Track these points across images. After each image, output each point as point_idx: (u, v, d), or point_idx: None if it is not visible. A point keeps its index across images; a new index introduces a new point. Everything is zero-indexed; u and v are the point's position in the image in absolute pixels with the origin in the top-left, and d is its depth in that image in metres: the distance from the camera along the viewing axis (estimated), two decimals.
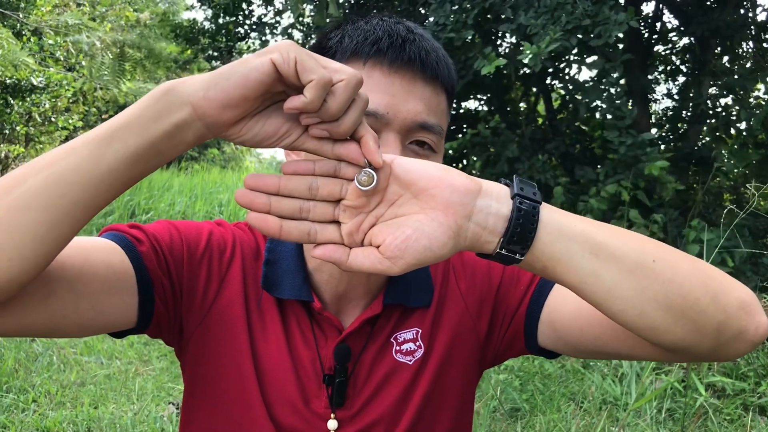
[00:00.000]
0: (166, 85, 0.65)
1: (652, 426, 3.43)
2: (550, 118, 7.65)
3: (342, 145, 0.67)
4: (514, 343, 1.00)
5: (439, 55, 0.88)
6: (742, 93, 7.29)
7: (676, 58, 8.09)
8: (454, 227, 0.67)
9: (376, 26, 0.87)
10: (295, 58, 0.62)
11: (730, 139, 7.43)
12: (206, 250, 0.93)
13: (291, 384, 0.92)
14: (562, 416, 3.57)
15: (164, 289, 0.87)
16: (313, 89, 0.62)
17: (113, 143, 0.63)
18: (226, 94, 0.62)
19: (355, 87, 0.64)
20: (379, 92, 0.82)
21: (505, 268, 1.00)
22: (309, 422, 0.91)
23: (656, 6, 7.53)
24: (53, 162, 0.64)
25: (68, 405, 3.49)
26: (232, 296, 0.93)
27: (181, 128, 0.64)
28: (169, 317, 0.90)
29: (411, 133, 0.85)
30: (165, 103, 0.64)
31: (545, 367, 4.33)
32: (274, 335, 0.93)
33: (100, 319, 0.79)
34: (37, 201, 0.62)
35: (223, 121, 0.64)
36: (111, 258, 0.81)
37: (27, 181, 0.63)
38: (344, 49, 0.86)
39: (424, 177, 0.68)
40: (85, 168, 0.63)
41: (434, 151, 0.88)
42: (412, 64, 0.84)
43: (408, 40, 0.85)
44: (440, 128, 0.87)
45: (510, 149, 6.39)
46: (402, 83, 0.83)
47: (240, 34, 9.21)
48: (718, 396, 3.71)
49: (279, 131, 0.67)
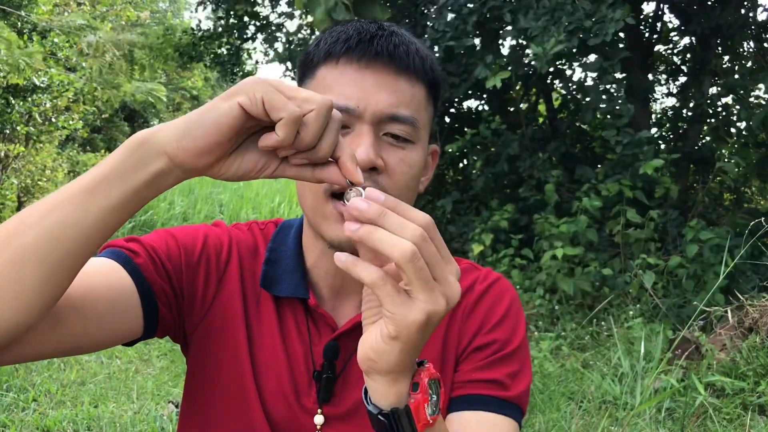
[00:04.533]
0: (140, 135, 0.67)
1: (651, 425, 3.44)
2: (550, 117, 7.65)
3: (322, 170, 0.68)
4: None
5: (411, 49, 0.89)
6: (742, 93, 7.29)
7: (677, 58, 8.08)
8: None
9: (349, 27, 0.90)
10: (262, 97, 0.62)
11: (730, 139, 7.43)
12: (203, 252, 0.96)
13: (285, 379, 0.94)
14: (562, 416, 3.57)
15: (166, 294, 0.91)
16: (284, 127, 0.63)
17: (96, 195, 0.66)
18: (199, 142, 0.64)
19: (326, 115, 0.65)
20: (350, 87, 0.85)
21: (499, 345, 0.97)
22: (298, 416, 0.94)
23: (657, 5, 7.52)
24: (42, 217, 0.66)
25: (68, 404, 3.50)
26: (231, 294, 0.96)
27: (159, 176, 0.67)
28: (174, 319, 0.94)
29: (383, 124, 0.86)
30: (141, 155, 0.66)
31: (545, 367, 4.34)
32: (271, 332, 0.95)
33: (110, 336, 0.84)
34: (30, 256, 0.66)
35: (201, 166, 0.66)
36: (111, 277, 0.84)
37: (19, 237, 0.66)
38: (320, 52, 0.89)
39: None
40: (73, 221, 0.66)
41: (411, 142, 0.89)
42: (381, 56, 0.86)
43: (376, 36, 0.87)
44: (414, 119, 0.88)
45: (511, 147, 6.40)
46: (373, 77, 0.86)
47: (246, 35, 9.21)
48: (718, 395, 3.71)
49: (258, 164, 0.68)
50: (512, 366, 0.95)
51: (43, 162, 7.93)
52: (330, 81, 0.87)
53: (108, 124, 14.52)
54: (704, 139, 7.55)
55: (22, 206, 7.76)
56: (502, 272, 5.75)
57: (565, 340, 4.95)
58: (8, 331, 0.68)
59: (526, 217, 6.45)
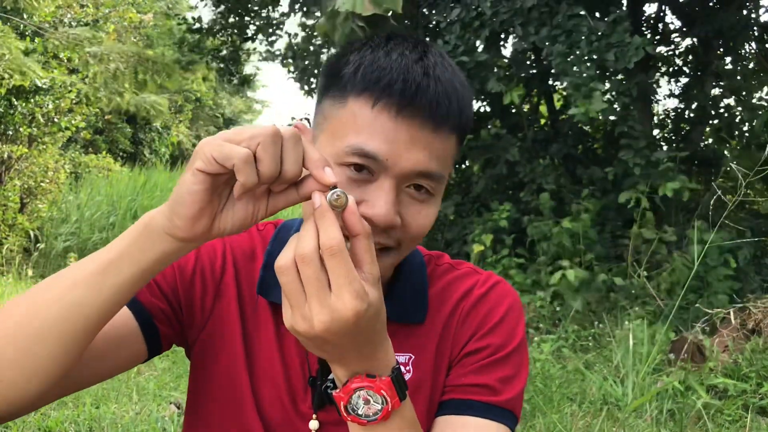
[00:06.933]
0: (145, 219, 0.73)
1: (652, 426, 3.43)
2: (552, 119, 7.64)
3: (303, 186, 0.70)
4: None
5: (452, 99, 0.84)
6: (744, 94, 7.28)
7: (679, 59, 8.07)
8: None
9: (393, 63, 0.83)
10: (212, 154, 0.65)
11: (733, 141, 7.42)
12: (196, 264, 0.97)
13: (281, 384, 0.94)
14: (563, 417, 3.56)
15: (165, 313, 0.93)
16: (240, 171, 0.65)
17: (108, 276, 0.73)
18: (186, 215, 0.69)
19: (273, 143, 0.66)
20: (382, 137, 0.81)
21: (493, 350, 0.96)
22: (294, 421, 0.94)
23: (659, 7, 7.52)
24: (60, 296, 0.73)
25: (70, 404, 3.50)
26: (228, 302, 0.97)
27: (168, 255, 0.72)
28: (176, 332, 0.96)
29: (409, 179, 0.84)
30: (146, 237, 0.72)
31: (546, 368, 4.33)
32: (268, 338, 0.96)
33: (113, 369, 0.89)
34: (50, 332, 0.73)
35: (200, 233, 0.70)
36: None
37: (40, 315, 0.73)
38: (356, 83, 0.84)
39: None
40: (88, 301, 0.73)
41: (432, 195, 0.87)
42: (422, 112, 0.82)
43: (421, 87, 0.82)
44: (441, 175, 0.85)
45: (510, 153, 6.40)
46: (408, 130, 0.82)
47: (246, 34, 9.22)
48: (720, 397, 3.70)
49: (249, 211, 0.72)
50: (505, 370, 0.94)
51: (45, 163, 7.95)
52: (361, 122, 0.82)
53: (110, 126, 14.55)
54: (707, 140, 7.54)
55: (25, 208, 7.78)
56: (501, 273, 5.74)
57: (567, 342, 4.94)
58: (28, 400, 0.75)
59: (526, 218, 6.46)
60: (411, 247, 0.90)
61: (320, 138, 0.87)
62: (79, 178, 10.20)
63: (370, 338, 0.72)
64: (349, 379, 0.74)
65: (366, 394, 0.74)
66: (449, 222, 7.24)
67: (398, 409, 0.76)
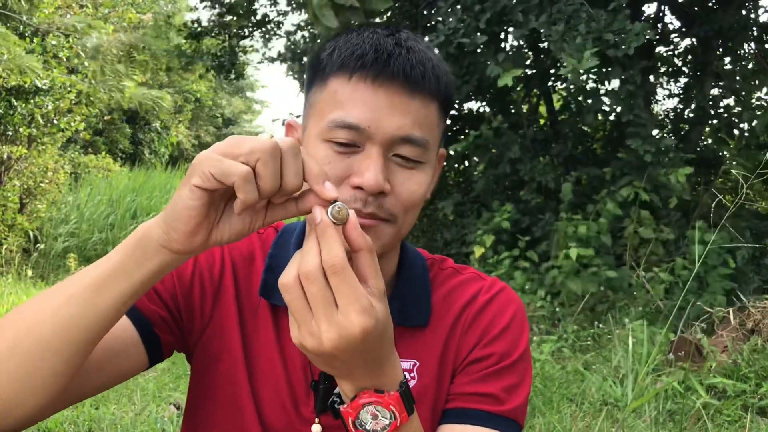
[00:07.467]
0: (139, 231, 0.72)
1: (651, 427, 3.43)
2: (551, 119, 7.65)
3: (303, 200, 0.70)
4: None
5: (427, 67, 0.87)
6: (744, 94, 7.28)
7: (678, 60, 8.07)
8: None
9: (365, 39, 0.87)
10: (210, 171, 0.65)
11: (732, 141, 7.42)
12: (195, 270, 0.97)
13: (283, 388, 0.94)
14: (562, 417, 3.56)
15: (164, 321, 0.93)
16: (240, 189, 0.65)
17: (104, 290, 0.72)
18: (182, 229, 0.68)
19: (273, 158, 0.66)
20: (362, 106, 0.83)
21: (498, 357, 0.95)
22: (296, 425, 0.93)
23: (658, 7, 7.53)
24: (56, 311, 0.73)
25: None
26: (227, 306, 0.96)
27: (164, 267, 0.72)
28: (177, 338, 0.96)
29: (394, 146, 0.85)
30: (142, 250, 0.71)
31: (546, 369, 4.33)
32: (268, 341, 0.95)
33: (117, 377, 0.89)
34: (48, 347, 0.73)
35: (197, 246, 0.70)
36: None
37: (36, 330, 0.73)
38: (333, 62, 0.87)
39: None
40: (85, 314, 0.72)
41: (421, 163, 0.88)
42: (396, 77, 0.84)
43: (393, 54, 0.85)
44: (425, 141, 0.86)
45: (512, 150, 6.39)
46: (386, 97, 0.84)
47: (244, 33, 9.21)
48: (719, 397, 3.70)
49: (246, 222, 0.71)
50: (510, 379, 0.93)
51: (45, 164, 7.95)
52: (341, 96, 0.85)
53: (109, 126, 14.54)
54: (706, 140, 7.54)
55: (25, 208, 7.78)
56: (503, 274, 5.74)
57: (566, 342, 4.94)
58: (28, 416, 0.75)
59: (527, 218, 6.45)
60: (407, 220, 0.90)
61: (309, 125, 0.89)
62: (79, 179, 10.20)
63: (378, 354, 0.72)
64: (357, 395, 0.74)
65: (374, 410, 0.74)
66: (449, 222, 7.24)
67: (406, 424, 0.76)
